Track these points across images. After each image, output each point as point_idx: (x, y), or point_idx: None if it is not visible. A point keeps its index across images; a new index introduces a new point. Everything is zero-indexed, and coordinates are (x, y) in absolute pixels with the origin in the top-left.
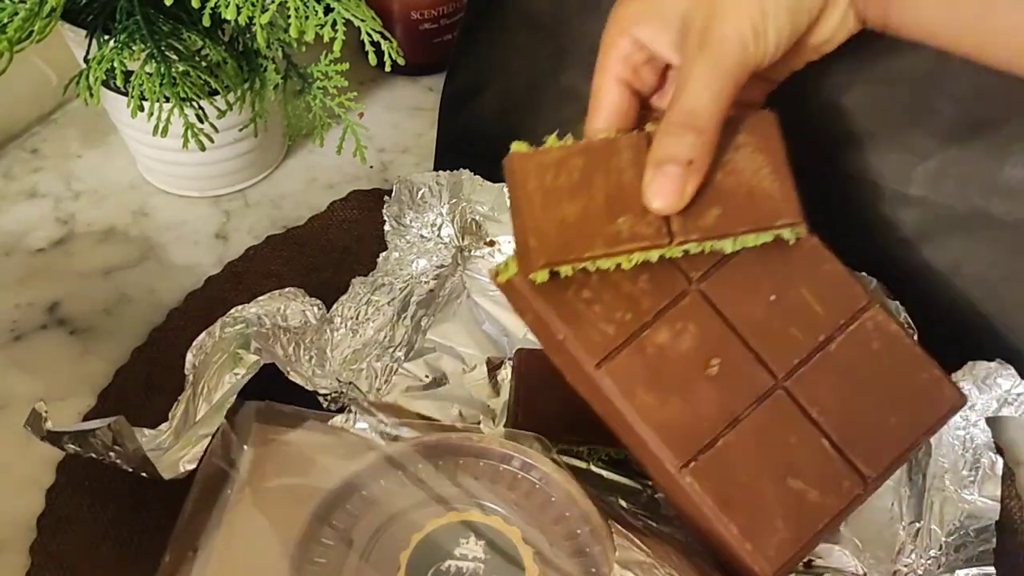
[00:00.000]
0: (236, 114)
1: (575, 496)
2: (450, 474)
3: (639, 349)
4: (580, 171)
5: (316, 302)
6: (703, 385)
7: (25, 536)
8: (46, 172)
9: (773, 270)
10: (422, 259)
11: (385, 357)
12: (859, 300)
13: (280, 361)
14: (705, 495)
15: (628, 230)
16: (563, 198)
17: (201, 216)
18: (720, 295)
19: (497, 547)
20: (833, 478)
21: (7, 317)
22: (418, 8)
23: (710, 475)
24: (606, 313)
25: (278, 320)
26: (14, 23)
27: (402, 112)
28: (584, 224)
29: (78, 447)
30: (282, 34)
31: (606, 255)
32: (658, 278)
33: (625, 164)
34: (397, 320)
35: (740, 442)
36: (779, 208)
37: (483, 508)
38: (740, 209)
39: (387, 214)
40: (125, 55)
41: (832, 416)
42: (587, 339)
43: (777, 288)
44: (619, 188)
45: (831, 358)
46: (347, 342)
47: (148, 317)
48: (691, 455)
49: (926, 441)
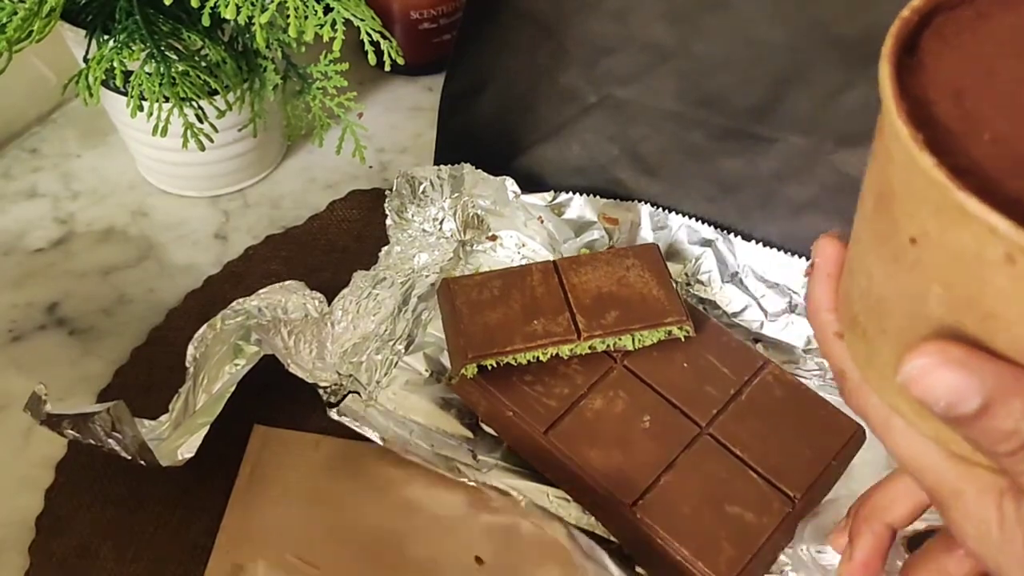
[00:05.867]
0: (235, 114)
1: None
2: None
3: (579, 415)
4: (500, 289)
5: (317, 295)
6: (639, 438)
7: (24, 536)
8: (45, 172)
9: (682, 347)
10: (424, 253)
11: (385, 350)
12: (757, 360)
13: (280, 353)
14: (656, 526)
15: (542, 329)
16: (486, 309)
17: (200, 216)
18: (642, 368)
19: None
20: (764, 501)
21: (6, 317)
22: (418, 8)
23: (657, 509)
24: (546, 391)
25: (279, 313)
26: (13, 23)
27: (401, 112)
28: (505, 327)
29: (77, 433)
30: (281, 34)
31: (525, 349)
32: (588, 361)
33: (537, 283)
34: (398, 314)
35: (678, 480)
36: (667, 309)
37: None
38: (634, 311)
39: (388, 208)
40: (125, 55)
41: (754, 452)
42: (533, 412)
43: (688, 359)
44: (533, 299)
45: (743, 406)
46: (348, 335)
47: (148, 317)
48: (638, 494)
49: (841, 469)
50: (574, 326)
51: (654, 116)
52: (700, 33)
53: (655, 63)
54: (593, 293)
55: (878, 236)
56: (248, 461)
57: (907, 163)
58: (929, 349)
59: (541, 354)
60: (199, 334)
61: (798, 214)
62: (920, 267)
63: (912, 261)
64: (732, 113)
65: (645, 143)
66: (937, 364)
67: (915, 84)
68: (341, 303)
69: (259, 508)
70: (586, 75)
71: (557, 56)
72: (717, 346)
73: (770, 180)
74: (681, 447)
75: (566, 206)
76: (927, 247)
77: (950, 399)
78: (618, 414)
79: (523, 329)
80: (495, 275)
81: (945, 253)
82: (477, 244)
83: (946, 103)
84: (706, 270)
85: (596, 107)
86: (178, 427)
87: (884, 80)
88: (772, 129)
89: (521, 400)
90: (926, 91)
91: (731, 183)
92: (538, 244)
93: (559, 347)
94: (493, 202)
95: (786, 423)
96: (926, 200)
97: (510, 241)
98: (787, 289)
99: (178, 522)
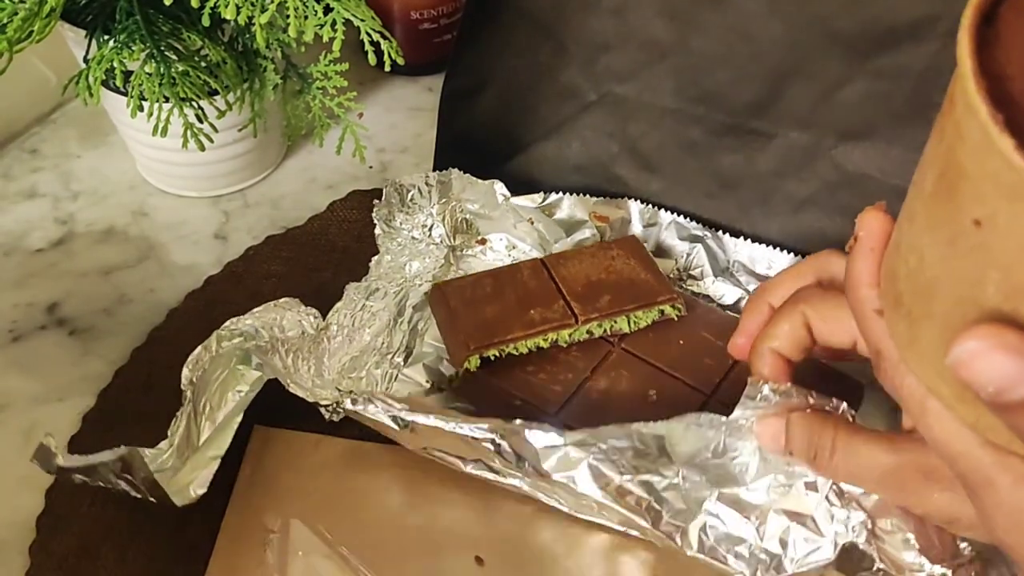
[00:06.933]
0: (235, 114)
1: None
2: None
3: (586, 396)
4: (492, 286)
5: (312, 311)
6: (649, 410)
7: (25, 536)
8: (45, 172)
9: (675, 326)
10: (415, 261)
11: (384, 364)
12: None
13: (280, 374)
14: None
15: (540, 316)
16: (482, 304)
17: (200, 216)
18: (640, 348)
19: None
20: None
21: (6, 317)
22: (418, 8)
23: None
24: (550, 378)
25: (275, 332)
26: (14, 23)
27: (401, 112)
28: (503, 318)
29: (86, 478)
30: (281, 34)
31: (525, 336)
32: (586, 347)
33: (528, 278)
34: (394, 325)
35: None
36: (657, 290)
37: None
38: (626, 293)
39: (377, 217)
40: (125, 55)
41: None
42: (541, 399)
43: (683, 336)
44: (527, 292)
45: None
46: (344, 349)
47: (148, 317)
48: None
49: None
50: (570, 311)
51: (653, 113)
52: (698, 29)
53: (654, 60)
54: (584, 282)
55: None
56: (248, 462)
57: (982, 143)
58: (983, 332)
59: (542, 340)
60: (194, 356)
61: (798, 210)
62: (981, 251)
63: (973, 244)
64: (731, 109)
65: (645, 140)
66: (991, 348)
67: (991, 58)
68: (336, 317)
69: (260, 509)
70: (585, 73)
71: (557, 54)
72: (709, 323)
73: (770, 176)
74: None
75: (556, 207)
76: (993, 231)
77: (1001, 384)
78: (624, 391)
79: (521, 318)
80: (485, 275)
81: (1013, 239)
82: (467, 249)
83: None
84: (698, 265)
85: (596, 105)
86: (183, 457)
87: (963, 54)
88: (772, 125)
89: (527, 388)
90: (1004, 67)
91: (731, 179)
92: (528, 245)
93: (558, 332)
94: (482, 206)
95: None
96: (1000, 183)
97: (500, 244)
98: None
99: (178, 522)
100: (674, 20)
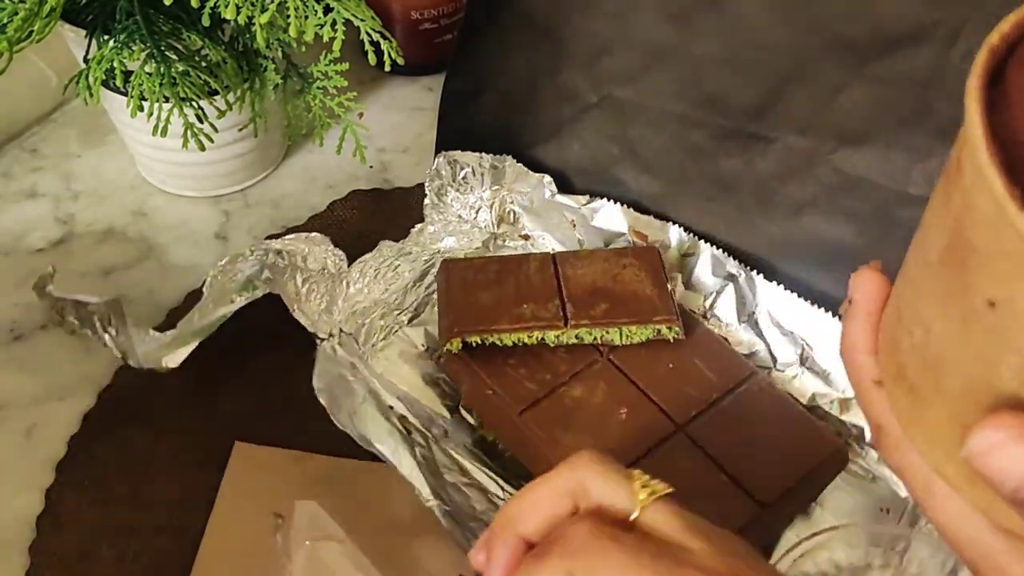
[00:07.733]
0: (236, 114)
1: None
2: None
3: (557, 400)
4: (496, 273)
5: (339, 252)
6: (613, 428)
7: (25, 536)
8: (45, 172)
9: (670, 348)
10: (452, 238)
11: (389, 317)
12: (745, 369)
13: (288, 297)
14: None
15: (530, 313)
16: (479, 289)
17: (201, 216)
18: (626, 363)
19: None
20: (730, 503)
21: (7, 317)
22: (418, 8)
23: None
24: (529, 375)
25: (297, 260)
26: (14, 23)
27: (402, 112)
28: (494, 307)
29: (77, 320)
30: (282, 34)
31: (510, 330)
32: (574, 352)
33: (533, 271)
34: (412, 287)
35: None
36: (657, 308)
37: None
38: (624, 306)
39: (429, 188)
40: (125, 55)
41: (727, 455)
42: (512, 392)
43: (674, 359)
44: (527, 285)
45: (724, 411)
46: (360, 296)
47: (148, 317)
48: None
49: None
50: (562, 313)
51: (654, 116)
52: (699, 33)
53: (654, 63)
54: (586, 286)
55: (943, 290)
56: (229, 479)
57: (996, 219)
58: (1002, 422)
59: (526, 337)
60: (222, 262)
61: (798, 214)
62: (997, 333)
63: (987, 325)
64: (732, 113)
65: (645, 143)
66: (1011, 439)
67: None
68: (361, 266)
69: (239, 524)
70: (586, 75)
71: (557, 56)
72: (706, 351)
73: (770, 180)
74: (654, 442)
75: (598, 211)
76: (1009, 314)
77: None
78: (596, 404)
79: (511, 311)
80: (494, 260)
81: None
82: (509, 239)
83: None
84: (724, 306)
85: (596, 107)
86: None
87: (973, 120)
88: (772, 129)
89: (502, 379)
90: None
91: (731, 182)
92: (566, 248)
93: (545, 332)
94: (531, 200)
95: (766, 433)
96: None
97: (542, 243)
98: (799, 339)
99: (178, 523)
100: (675, 24)
